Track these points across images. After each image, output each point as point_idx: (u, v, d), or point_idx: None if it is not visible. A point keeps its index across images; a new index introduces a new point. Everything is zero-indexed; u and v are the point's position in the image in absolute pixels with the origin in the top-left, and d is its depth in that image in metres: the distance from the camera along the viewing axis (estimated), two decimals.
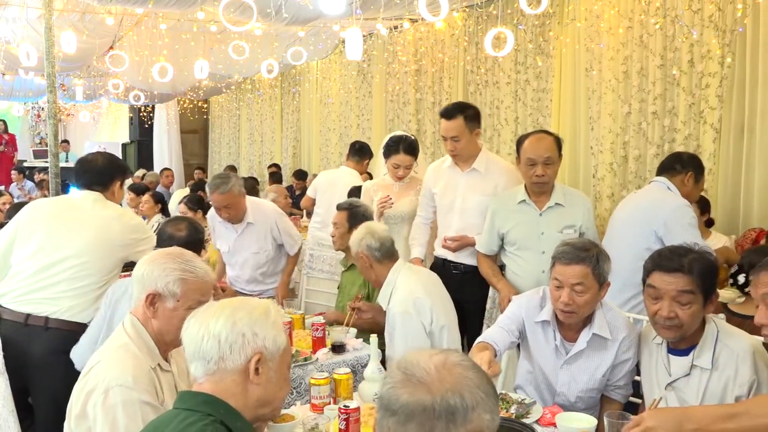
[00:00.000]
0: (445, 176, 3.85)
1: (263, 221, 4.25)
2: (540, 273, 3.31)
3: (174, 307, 2.03)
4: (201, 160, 14.87)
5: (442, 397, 1.14)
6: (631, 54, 5.71)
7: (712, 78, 5.10)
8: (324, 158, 10.61)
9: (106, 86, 10.94)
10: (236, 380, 1.59)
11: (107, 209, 3.26)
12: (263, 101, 12.66)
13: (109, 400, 1.85)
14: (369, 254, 3.19)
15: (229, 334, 1.58)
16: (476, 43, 7.22)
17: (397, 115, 8.76)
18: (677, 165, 3.55)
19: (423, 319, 3.05)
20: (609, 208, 5.89)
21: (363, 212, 3.79)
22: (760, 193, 4.82)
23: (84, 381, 1.94)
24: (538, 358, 2.61)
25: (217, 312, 1.62)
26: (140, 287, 2.05)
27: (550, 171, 3.31)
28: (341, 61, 9.75)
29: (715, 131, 5.12)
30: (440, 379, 1.16)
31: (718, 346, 2.25)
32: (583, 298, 2.41)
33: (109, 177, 3.33)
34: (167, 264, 2.04)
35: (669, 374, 2.33)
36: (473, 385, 1.17)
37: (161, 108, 14.31)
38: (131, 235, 3.26)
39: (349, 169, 5.92)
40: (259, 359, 1.59)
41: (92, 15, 7.13)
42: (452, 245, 3.67)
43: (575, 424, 2.22)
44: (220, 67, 8.83)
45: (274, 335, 1.62)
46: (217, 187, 4.03)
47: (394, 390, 1.17)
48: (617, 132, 5.85)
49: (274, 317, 1.65)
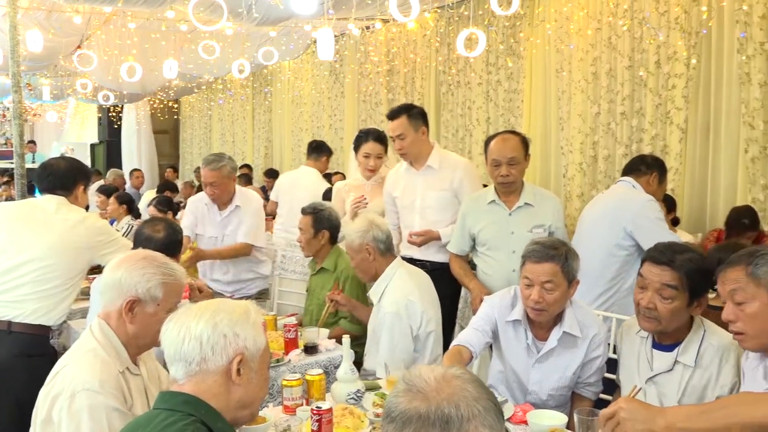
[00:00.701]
0: (403, 179, 3.91)
1: (248, 204, 4.30)
2: (510, 272, 3.35)
3: (154, 311, 2.01)
4: (172, 160, 14.71)
5: (437, 405, 1.17)
6: (600, 55, 5.79)
7: (678, 79, 5.19)
8: (296, 158, 10.57)
9: (74, 86, 10.76)
10: (218, 381, 1.60)
11: (71, 213, 3.22)
12: (235, 101, 12.57)
13: (75, 404, 1.82)
14: (375, 246, 3.19)
15: (210, 335, 1.59)
16: (448, 43, 7.26)
17: (369, 115, 8.76)
18: (642, 166, 3.65)
19: (412, 322, 3.06)
20: (579, 208, 5.97)
21: (328, 215, 3.77)
22: (726, 192, 4.92)
23: (50, 385, 1.91)
24: (510, 357, 2.63)
25: (197, 314, 1.62)
26: (116, 293, 2.01)
27: (515, 171, 3.34)
28: (313, 61, 9.73)
29: (681, 131, 5.21)
30: (437, 389, 1.20)
31: (704, 345, 2.28)
32: (553, 296, 2.44)
33: (72, 181, 3.29)
34: (147, 269, 2.02)
35: (651, 368, 2.35)
36: (471, 398, 1.19)
37: (131, 108, 14.12)
38: (97, 238, 3.22)
39: (308, 169, 5.90)
40: (240, 360, 1.60)
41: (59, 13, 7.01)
42: (417, 240, 3.69)
43: (546, 421, 2.24)
44: (191, 66, 8.75)
45: (254, 336, 1.63)
46: (208, 163, 4.12)
47: (396, 398, 1.22)
48: (587, 132, 5.93)
49: (254, 318, 1.66)
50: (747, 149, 4.79)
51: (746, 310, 1.89)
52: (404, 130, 3.76)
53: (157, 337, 2.06)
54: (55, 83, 11.19)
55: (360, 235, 3.21)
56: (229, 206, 4.23)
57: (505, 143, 3.36)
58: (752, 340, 1.93)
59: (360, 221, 3.29)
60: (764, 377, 1.93)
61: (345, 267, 3.68)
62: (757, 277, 1.88)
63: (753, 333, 1.90)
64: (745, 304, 1.89)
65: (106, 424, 1.82)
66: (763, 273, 1.87)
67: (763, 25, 4.65)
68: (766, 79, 4.66)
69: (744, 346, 2.02)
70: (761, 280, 1.87)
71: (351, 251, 3.27)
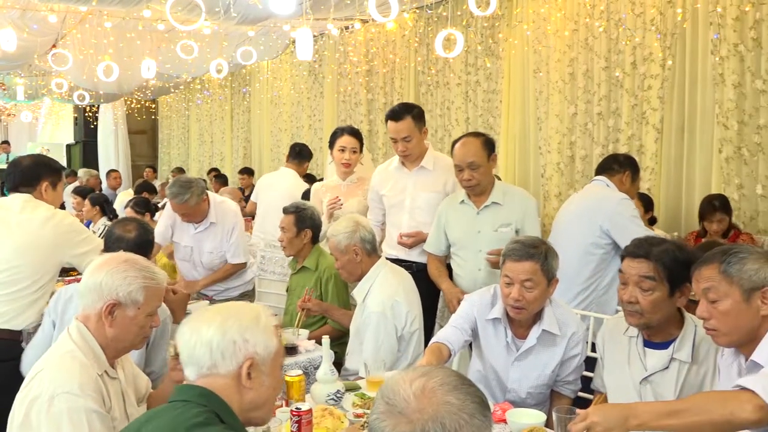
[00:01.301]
0: (392, 177, 3.87)
1: (223, 222, 4.21)
2: (476, 271, 3.37)
3: (134, 315, 2.00)
4: (150, 161, 14.59)
5: (422, 428, 1.16)
6: (576, 56, 5.84)
7: (654, 80, 5.25)
8: (275, 159, 10.53)
9: (49, 85, 10.62)
10: (229, 384, 1.62)
11: (37, 211, 3.13)
12: (213, 101, 12.49)
13: (54, 407, 1.80)
14: (362, 247, 3.19)
15: (220, 342, 1.61)
16: (427, 44, 7.28)
17: (348, 115, 8.75)
18: (615, 165, 3.70)
19: (397, 322, 3.06)
20: (557, 207, 6.01)
21: (310, 214, 3.76)
22: (701, 191, 4.98)
23: (27, 389, 1.89)
24: (490, 355, 2.64)
25: (209, 319, 1.65)
26: (96, 296, 1.99)
27: (477, 174, 3.33)
28: (292, 61, 9.70)
29: (657, 131, 5.27)
30: (420, 410, 1.18)
31: (698, 339, 2.29)
32: (533, 294, 2.46)
33: (35, 177, 3.21)
34: (128, 272, 2.00)
35: (645, 368, 2.34)
36: (455, 410, 1.18)
37: (107, 108, 13.97)
38: (65, 236, 3.14)
39: (288, 170, 5.88)
40: (250, 364, 1.62)
41: (33, 12, 6.92)
42: (408, 241, 3.67)
43: (525, 419, 2.26)
44: (168, 66, 8.68)
45: (265, 340, 1.65)
46: (174, 197, 4.00)
47: (379, 422, 1.20)
48: (564, 132, 5.98)
49: (264, 322, 1.68)
50: (721, 149, 4.86)
51: (719, 308, 1.92)
52: (411, 132, 3.69)
53: (137, 341, 2.06)
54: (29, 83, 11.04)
55: (347, 236, 3.20)
56: (203, 223, 4.19)
57: (465, 148, 3.37)
58: (725, 337, 1.96)
59: (346, 222, 3.28)
60: (738, 374, 1.96)
61: (327, 266, 3.67)
62: (729, 275, 1.90)
63: (725, 330, 1.93)
64: (718, 301, 1.92)
65: (87, 427, 1.80)
66: (735, 271, 1.90)
67: (736, 27, 4.72)
68: (739, 80, 4.73)
69: (717, 343, 2.05)
70: (733, 278, 1.90)
71: (337, 252, 3.25)
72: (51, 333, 2.71)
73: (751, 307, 1.89)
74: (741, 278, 1.89)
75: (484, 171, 3.35)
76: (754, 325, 1.90)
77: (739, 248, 1.95)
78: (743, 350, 1.96)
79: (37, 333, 2.84)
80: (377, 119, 8.23)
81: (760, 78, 4.62)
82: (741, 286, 1.89)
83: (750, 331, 1.90)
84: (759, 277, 1.88)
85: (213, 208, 4.19)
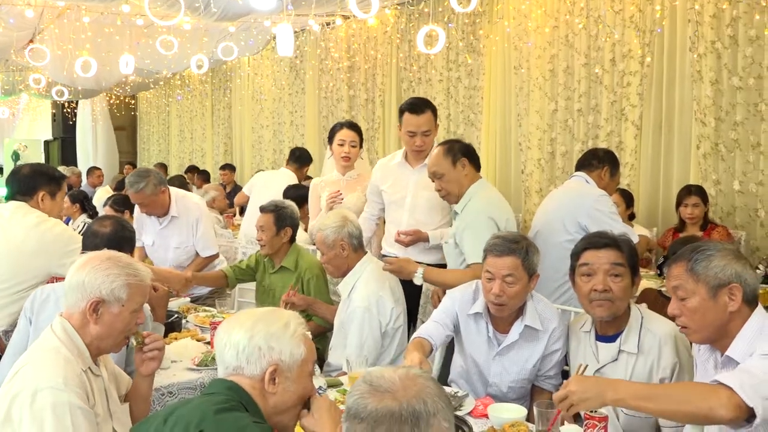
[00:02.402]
0: (394, 173, 3.79)
1: (186, 216, 4.19)
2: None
3: (119, 312, 2.00)
4: (130, 157, 14.41)
5: (407, 402, 1.24)
6: (557, 53, 5.88)
7: (633, 76, 5.30)
8: (257, 155, 10.49)
9: (26, 81, 10.47)
10: (254, 386, 1.67)
11: (27, 217, 3.13)
12: (193, 97, 12.40)
13: (37, 402, 1.79)
14: (349, 242, 3.19)
15: (246, 346, 1.66)
16: (409, 40, 7.28)
17: (330, 111, 8.74)
18: (594, 161, 3.72)
19: (382, 318, 3.07)
20: (538, 203, 6.03)
21: (290, 213, 3.73)
22: (679, 187, 5.04)
23: (9, 385, 1.87)
24: (471, 350, 2.66)
25: (241, 322, 1.71)
26: (79, 294, 1.98)
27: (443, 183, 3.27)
28: (273, 57, 9.66)
29: (636, 128, 5.33)
30: (404, 387, 1.26)
31: (643, 332, 2.36)
32: (514, 289, 2.48)
33: (32, 187, 3.22)
34: (110, 270, 2.00)
35: (597, 361, 2.41)
36: (434, 394, 1.27)
37: (86, 104, 13.80)
38: (52, 245, 3.12)
39: (287, 171, 5.85)
40: (274, 370, 1.66)
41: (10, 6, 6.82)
42: (406, 239, 3.52)
43: (506, 414, 2.28)
44: (148, 62, 8.59)
45: (291, 348, 1.68)
46: (130, 185, 4.02)
47: (362, 400, 1.26)
48: (544, 129, 6.02)
49: (293, 329, 1.71)
50: (699, 145, 4.93)
51: (687, 305, 1.96)
52: (431, 126, 3.66)
53: (120, 339, 2.05)
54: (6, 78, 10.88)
55: (335, 230, 3.20)
56: (166, 218, 4.18)
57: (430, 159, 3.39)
58: (696, 333, 2.00)
59: (334, 217, 3.27)
60: (714, 368, 2.00)
61: (308, 266, 3.66)
62: (696, 273, 1.94)
63: (695, 327, 1.97)
64: (686, 299, 1.96)
65: (70, 422, 1.79)
66: (701, 269, 1.93)
67: (714, 24, 4.78)
68: (717, 77, 4.79)
69: (691, 340, 2.10)
70: (699, 276, 1.93)
71: (324, 247, 3.23)
72: (27, 332, 2.68)
73: (718, 303, 1.92)
74: (707, 276, 1.92)
75: (449, 179, 3.24)
76: (723, 322, 1.93)
77: (707, 246, 1.99)
78: (717, 346, 1.99)
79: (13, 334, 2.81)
80: (359, 115, 8.22)
81: (737, 75, 4.69)
82: (707, 283, 1.92)
83: (719, 328, 1.94)
84: (725, 274, 1.91)
85: (174, 202, 4.18)
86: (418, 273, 3.11)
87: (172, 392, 2.66)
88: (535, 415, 2.15)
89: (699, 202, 4.64)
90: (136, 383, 2.20)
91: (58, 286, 2.71)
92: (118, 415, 2.04)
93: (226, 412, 1.56)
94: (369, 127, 7.91)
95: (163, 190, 4.08)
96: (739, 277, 1.91)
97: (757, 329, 1.89)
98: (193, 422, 1.54)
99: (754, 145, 4.67)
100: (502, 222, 3.17)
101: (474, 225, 3.14)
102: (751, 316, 1.92)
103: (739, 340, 1.90)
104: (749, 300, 1.93)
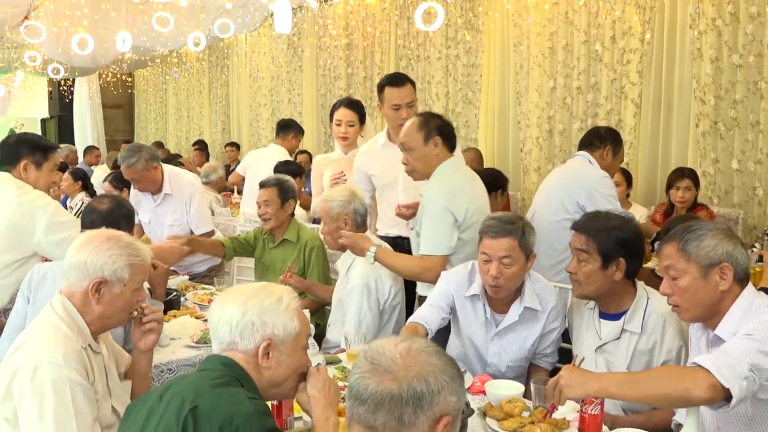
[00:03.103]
0: (379, 156, 3.69)
1: (179, 193, 4.19)
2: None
3: (121, 291, 2.01)
4: (127, 135, 14.35)
5: (408, 384, 1.21)
6: (557, 30, 5.83)
7: (633, 54, 5.27)
8: (255, 134, 10.44)
9: (22, 58, 10.38)
10: (248, 360, 1.68)
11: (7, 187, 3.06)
12: (190, 75, 12.31)
13: (37, 377, 1.81)
14: (353, 218, 3.20)
15: (239, 322, 1.68)
16: (407, 17, 7.22)
17: (328, 89, 8.69)
18: (596, 140, 3.71)
19: (380, 295, 3.08)
20: (536, 182, 6.05)
21: (291, 186, 3.77)
22: (677, 165, 5.03)
23: (9, 361, 1.89)
24: (469, 332, 2.66)
25: (234, 297, 1.72)
26: (81, 274, 1.98)
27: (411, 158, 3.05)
28: (270, 34, 9.57)
29: (635, 106, 5.31)
30: (406, 367, 1.23)
31: (647, 312, 2.37)
32: (511, 271, 2.48)
33: (15, 155, 3.14)
34: (112, 250, 2.00)
35: (599, 338, 2.43)
36: (438, 371, 1.24)
37: (83, 81, 13.70)
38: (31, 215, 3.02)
39: (277, 147, 5.87)
40: (268, 344, 1.68)
41: None
42: (407, 212, 3.44)
43: (503, 391, 2.30)
44: (144, 39, 8.50)
45: (284, 322, 1.70)
46: (122, 160, 4.05)
47: (363, 380, 1.24)
48: (543, 107, 5.99)
49: (286, 304, 1.72)
50: (698, 124, 4.91)
51: (679, 284, 1.98)
52: (413, 98, 3.58)
53: (123, 316, 2.06)
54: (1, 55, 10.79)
55: (341, 204, 3.20)
56: (160, 195, 4.19)
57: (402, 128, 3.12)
58: (687, 312, 2.02)
59: (343, 191, 3.27)
60: (707, 346, 2.02)
61: (309, 237, 3.69)
62: (687, 253, 1.95)
63: (687, 306, 1.99)
64: (678, 279, 1.98)
65: (70, 398, 1.81)
66: (692, 248, 1.95)
67: (714, 1, 4.73)
68: (717, 54, 4.76)
69: (682, 318, 2.12)
70: (690, 255, 1.95)
71: (327, 218, 3.22)
72: (25, 311, 2.69)
73: (709, 282, 1.94)
74: (698, 255, 1.94)
75: (418, 156, 3.00)
76: (714, 301, 1.95)
77: (698, 225, 2.00)
78: (708, 324, 2.02)
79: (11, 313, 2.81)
80: (357, 93, 8.17)
81: (737, 53, 4.65)
82: (698, 263, 1.94)
83: (711, 306, 1.96)
84: (716, 253, 1.93)
85: (168, 179, 4.18)
86: (371, 251, 2.94)
87: (172, 369, 2.68)
88: (532, 391, 2.18)
89: (691, 185, 4.54)
90: (135, 360, 2.21)
91: (55, 264, 2.71)
92: (117, 392, 2.06)
93: (221, 387, 1.58)
94: (367, 105, 7.83)
95: (155, 166, 4.09)
96: (730, 257, 1.93)
97: (745, 308, 1.92)
98: (188, 398, 1.55)
99: (753, 124, 4.65)
100: (460, 213, 2.93)
101: (429, 214, 2.97)
102: (740, 296, 1.94)
103: (728, 319, 1.93)
104: (740, 279, 1.95)
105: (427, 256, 2.92)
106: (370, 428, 1.23)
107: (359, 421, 1.25)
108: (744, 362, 1.73)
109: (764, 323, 1.81)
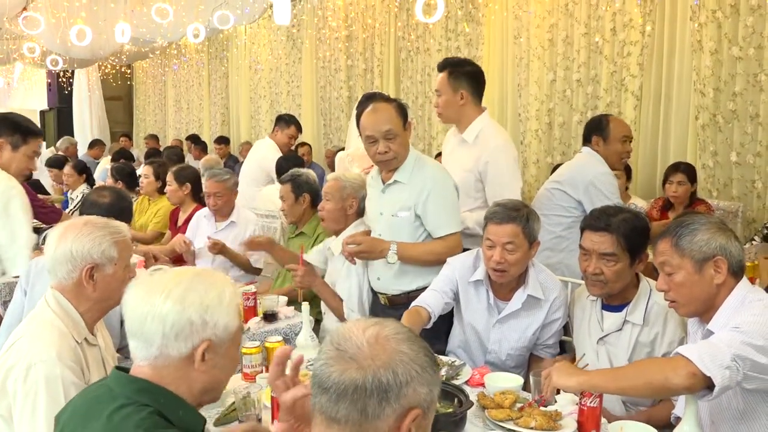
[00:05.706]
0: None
1: (244, 224, 4.26)
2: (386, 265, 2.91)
3: (113, 271, 2.00)
4: (126, 127, 14.32)
5: (374, 374, 1.12)
6: (557, 22, 5.82)
7: (633, 46, 5.25)
8: (254, 126, 10.43)
9: (20, 50, 10.35)
10: (179, 367, 1.46)
11: None
12: (190, 67, 12.29)
13: (31, 376, 1.80)
14: (358, 204, 3.23)
15: (176, 321, 1.42)
16: (407, 9, 7.20)
17: (328, 81, 8.67)
18: (586, 133, 3.77)
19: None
20: (535, 174, 6.06)
21: (305, 179, 3.83)
22: (676, 158, 5.04)
23: (4, 358, 1.88)
24: (471, 318, 2.67)
25: (165, 289, 1.44)
26: (70, 266, 1.96)
27: (394, 146, 2.80)
28: (270, 26, 9.55)
29: (635, 98, 5.30)
30: (372, 355, 1.13)
31: (650, 304, 2.38)
32: (514, 257, 2.49)
33: None
34: (94, 233, 1.98)
35: (602, 329, 2.45)
36: (407, 360, 1.15)
37: (82, 73, 13.66)
38: None
39: (265, 141, 5.85)
40: (207, 347, 1.46)
41: None
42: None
43: (502, 383, 2.30)
44: (143, 30, 8.49)
45: (226, 322, 1.47)
46: (214, 176, 4.19)
47: (327, 367, 1.15)
48: (543, 99, 5.98)
49: (228, 300, 1.49)
50: (698, 116, 4.91)
51: (674, 280, 1.99)
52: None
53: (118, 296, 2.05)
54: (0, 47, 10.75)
55: (354, 188, 3.23)
56: (225, 221, 4.24)
57: (377, 114, 2.80)
58: (683, 307, 2.03)
59: (357, 176, 3.30)
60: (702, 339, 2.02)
61: (322, 231, 3.71)
62: (681, 248, 1.96)
63: (683, 301, 2.00)
64: (673, 274, 1.99)
65: (63, 397, 1.80)
66: (685, 243, 1.96)
67: None
68: (717, 47, 4.75)
69: (679, 314, 2.13)
70: (684, 250, 1.96)
71: (337, 195, 3.25)
72: (23, 304, 2.70)
73: (704, 277, 1.95)
74: (692, 250, 1.95)
75: (401, 142, 2.82)
76: (710, 295, 1.96)
77: (692, 220, 2.01)
78: (703, 319, 2.03)
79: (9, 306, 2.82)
80: (357, 85, 8.16)
81: (737, 45, 4.65)
82: (692, 257, 1.95)
83: (707, 300, 1.97)
84: (710, 247, 1.94)
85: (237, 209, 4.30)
86: (392, 249, 2.78)
87: None
88: (531, 383, 2.18)
89: (684, 180, 4.46)
90: None
91: None
92: None
93: None
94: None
95: (236, 193, 4.29)
96: (723, 250, 1.94)
97: (738, 302, 1.92)
98: None
99: (752, 116, 4.65)
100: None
101: (440, 195, 2.83)
102: (733, 290, 1.95)
103: (720, 313, 1.94)
104: (735, 272, 1.96)
105: (449, 235, 2.86)
106: (331, 419, 1.14)
107: (321, 412, 1.15)
108: (727, 352, 1.74)
109: (753, 317, 1.82)
